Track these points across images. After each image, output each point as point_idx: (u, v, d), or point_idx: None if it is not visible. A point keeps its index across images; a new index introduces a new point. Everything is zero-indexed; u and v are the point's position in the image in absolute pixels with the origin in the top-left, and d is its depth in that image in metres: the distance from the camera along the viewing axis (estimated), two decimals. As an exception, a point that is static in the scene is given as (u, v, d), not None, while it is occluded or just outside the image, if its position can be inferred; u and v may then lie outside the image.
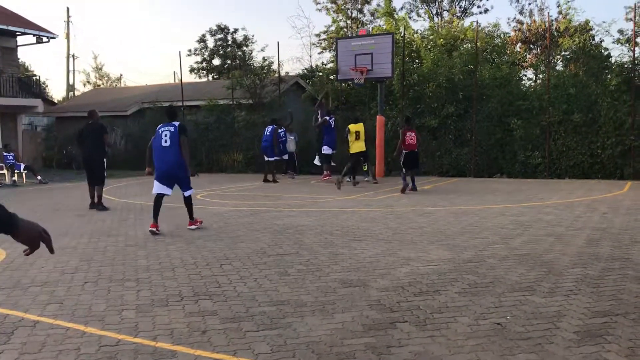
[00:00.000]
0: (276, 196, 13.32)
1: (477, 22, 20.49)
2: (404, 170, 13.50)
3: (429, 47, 22.04)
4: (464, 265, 6.10)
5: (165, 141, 8.49)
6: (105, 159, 11.98)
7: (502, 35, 23.76)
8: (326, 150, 17.14)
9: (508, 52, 23.52)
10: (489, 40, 22.17)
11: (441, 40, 22.14)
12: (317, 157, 18.13)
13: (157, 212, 8.56)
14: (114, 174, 21.87)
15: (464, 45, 21.98)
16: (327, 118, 17.17)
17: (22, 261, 6.64)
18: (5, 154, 18.96)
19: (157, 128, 8.64)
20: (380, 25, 27.75)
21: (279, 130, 17.59)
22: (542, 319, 4.32)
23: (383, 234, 8.04)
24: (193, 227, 8.76)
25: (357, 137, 15.20)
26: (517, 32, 29.40)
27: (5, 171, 18.61)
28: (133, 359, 3.68)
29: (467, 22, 32.31)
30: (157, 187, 8.72)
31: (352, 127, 15.31)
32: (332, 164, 17.39)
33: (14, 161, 18.85)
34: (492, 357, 3.64)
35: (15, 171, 18.63)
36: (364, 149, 15.40)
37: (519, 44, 28.87)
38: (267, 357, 3.69)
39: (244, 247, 7.29)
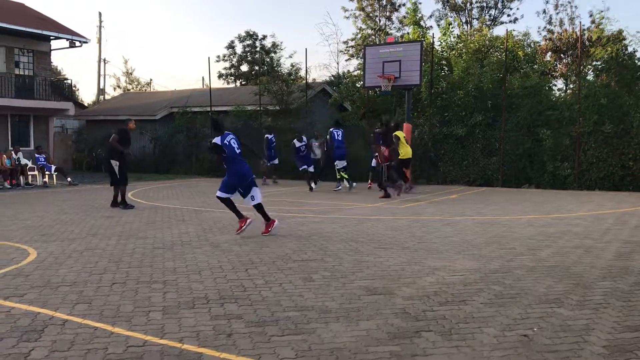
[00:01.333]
0: (301, 202, 13.36)
1: (507, 30, 20.34)
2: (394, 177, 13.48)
3: (458, 54, 21.90)
4: (491, 276, 6.04)
5: (239, 149, 8.77)
6: (114, 162, 12.04)
7: (532, 44, 23.52)
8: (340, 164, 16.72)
9: (538, 61, 23.26)
10: (519, 49, 21.94)
11: (472, 45, 21.95)
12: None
13: (236, 208, 8.74)
14: (142, 177, 22.19)
15: (494, 54, 21.79)
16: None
17: (52, 261, 6.77)
18: (37, 155, 19.38)
19: (224, 139, 8.68)
20: (407, 33, 27.69)
21: (298, 145, 17.67)
22: (570, 332, 4.25)
23: (409, 243, 8.00)
24: (270, 229, 8.71)
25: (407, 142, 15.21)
26: (547, 41, 29.09)
27: (36, 172, 19.00)
28: (159, 360, 3.73)
29: (496, 30, 32.13)
30: (227, 193, 8.72)
31: (400, 134, 15.01)
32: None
33: (45, 163, 19.26)
34: (518, 369, 3.60)
35: (46, 172, 19.02)
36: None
37: (549, 53, 28.54)
38: (291, 362, 3.70)
39: (269, 252, 7.32)
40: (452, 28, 23.79)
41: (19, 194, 15.90)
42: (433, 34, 23.64)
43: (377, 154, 15.32)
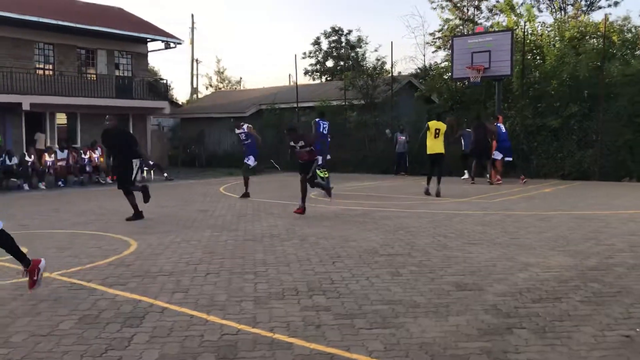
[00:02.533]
0: (387, 196, 13.30)
1: (605, 15, 19.24)
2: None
3: (552, 42, 20.96)
4: (588, 273, 5.77)
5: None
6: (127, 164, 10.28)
7: (633, 29, 22.09)
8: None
9: (640, 47, 21.81)
10: (619, 34, 20.67)
11: (567, 32, 20.93)
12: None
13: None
14: (233, 172, 22.89)
15: (591, 41, 20.67)
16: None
17: (151, 251, 7.15)
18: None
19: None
20: (499, 22, 26.81)
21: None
22: (678, 334, 3.99)
23: (500, 238, 7.78)
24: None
25: (437, 135, 13.11)
26: (650, 25, 27.22)
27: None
28: (252, 349, 3.85)
29: (593, 16, 30.44)
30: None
31: (432, 124, 13.19)
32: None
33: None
34: (619, 371, 3.44)
35: (144, 168, 20.03)
36: (442, 151, 13.18)
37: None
38: (380, 354, 3.72)
39: (355, 245, 7.36)
40: (536, 14, 22.82)
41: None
42: (525, 22, 22.72)
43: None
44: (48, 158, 17.87)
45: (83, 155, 18.51)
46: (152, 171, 20.27)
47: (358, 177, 19.86)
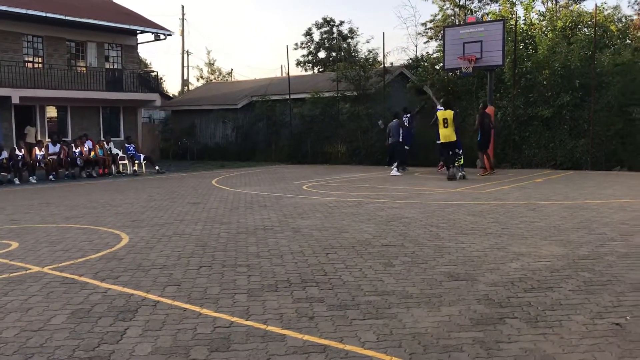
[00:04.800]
0: (379, 187, 13.32)
1: (596, 4, 19.28)
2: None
3: (544, 31, 20.95)
4: (579, 262, 5.81)
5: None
6: None
7: (623, 19, 22.17)
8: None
9: (630, 36, 21.89)
10: (609, 23, 20.71)
11: (559, 22, 20.94)
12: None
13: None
14: (225, 164, 22.85)
15: (582, 30, 20.69)
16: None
17: (143, 245, 7.13)
18: (127, 145, 20.35)
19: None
20: (494, 10, 26.73)
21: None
22: (668, 322, 4.03)
23: (492, 228, 7.81)
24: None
25: (445, 125, 14.30)
26: (641, 14, 27.33)
27: (126, 161, 19.98)
28: (245, 341, 3.85)
29: (584, 4, 30.46)
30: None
31: (440, 114, 14.50)
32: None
33: (134, 152, 20.19)
34: (610, 359, 3.46)
35: (136, 161, 19.95)
36: (453, 139, 14.35)
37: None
38: (373, 345, 3.73)
39: (348, 237, 7.37)
40: (534, 3, 22.72)
41: (111, 182, 16.78)
42: (517, 11, 22.72)
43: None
44: (38, 152, 17.76)
45: (74, 149, 18.39)
46: (143, 164, 20.19)
47: (351, 168, 19.86)
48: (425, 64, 24.02)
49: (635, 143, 16.82)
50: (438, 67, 21.94)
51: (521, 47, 20.25)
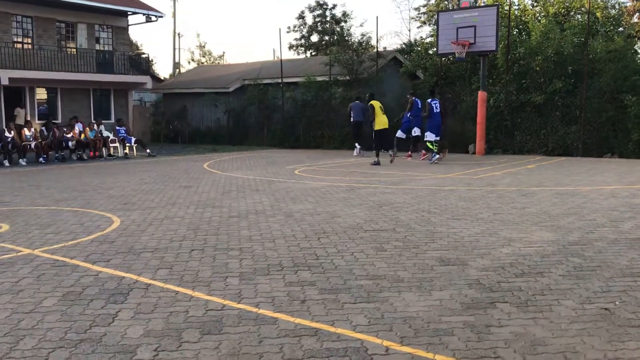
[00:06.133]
0: (372, 173, 13.33)
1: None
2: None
3: (538, 17, 20.90)
4: (569, 248, 5.85)
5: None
6: None
7: (617, 5, 22.15)
8: (429, 136, 15.90)
9: (624, 23, 21.89)
10: (602, 10, 20.68)
11: (551, 8, 20.89)
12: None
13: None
14: (217, 148, 22.77)
15: (576, 17, 20.66)
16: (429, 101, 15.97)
17: (135, 228, 7.11)
18: (117, 128, 20.23)
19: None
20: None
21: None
22: (656, 307, 4.07)
23: (483, 214, 7.85)
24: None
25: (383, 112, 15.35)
26: (635, 1, 27.28)
27: (117, 144, 19.86)
28: (237, 324, 3.86)
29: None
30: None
31: (375, 103, 15.32)
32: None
33: (125, 135, 20.07)
34: (598, 343, 3.50)
35: (127, 144, 19.84)
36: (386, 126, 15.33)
37: (637, 15, 26.78)
38: (364, 329, 3.75)
39: (340, 221, 7.38)
40: None
41: (102, 165, 16.69)
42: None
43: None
44: (27, 132, 17.60)
45: (66, 135, 18.23)
46: (134, 147, 20.08)
47: (343, 153, 19.85)
48: (419, 48, 23.95)
49: (626, 130, 16.91)
50: (431, 52, 21.88)
51: (515, 32, 20.22)
